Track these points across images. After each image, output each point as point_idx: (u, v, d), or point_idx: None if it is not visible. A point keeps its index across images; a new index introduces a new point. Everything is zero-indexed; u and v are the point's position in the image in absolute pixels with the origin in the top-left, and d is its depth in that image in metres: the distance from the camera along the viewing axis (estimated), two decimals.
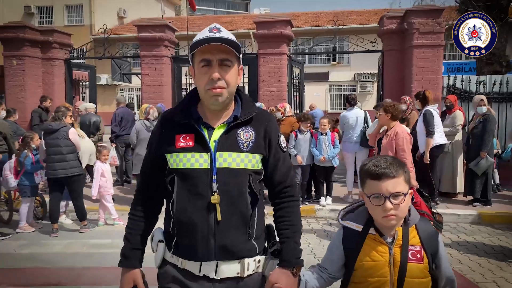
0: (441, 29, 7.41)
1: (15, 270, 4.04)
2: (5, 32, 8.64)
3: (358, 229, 1.53)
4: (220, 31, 1.45)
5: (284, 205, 1.59)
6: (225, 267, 1.45)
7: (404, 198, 1.45)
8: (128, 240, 1.57)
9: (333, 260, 1.60)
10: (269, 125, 1.56)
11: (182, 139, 1.48)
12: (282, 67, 8.26)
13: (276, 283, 1.48)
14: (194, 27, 23.39)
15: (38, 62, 8.94)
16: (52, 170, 5.11)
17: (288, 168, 1.62)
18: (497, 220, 5.65)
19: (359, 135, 6.50)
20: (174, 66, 8.96)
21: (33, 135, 5.51)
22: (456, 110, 6.53)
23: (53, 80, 9.05)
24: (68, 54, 9.44)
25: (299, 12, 28.04)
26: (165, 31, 8.70)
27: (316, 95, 23.46)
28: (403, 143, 4.46)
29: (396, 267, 1.46)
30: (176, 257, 1.50)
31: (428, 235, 1.52)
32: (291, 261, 1.52)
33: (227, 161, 1.46)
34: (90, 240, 4.97)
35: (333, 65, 24.44)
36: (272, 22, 8.14)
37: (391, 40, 7.97)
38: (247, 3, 61.83)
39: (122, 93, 25.59)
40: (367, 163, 1.52)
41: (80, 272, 3.92)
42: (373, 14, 24.38)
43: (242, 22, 25.79)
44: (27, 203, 5.36)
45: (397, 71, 7.92)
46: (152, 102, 8.11)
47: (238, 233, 1.47)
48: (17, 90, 8.62)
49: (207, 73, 1.44)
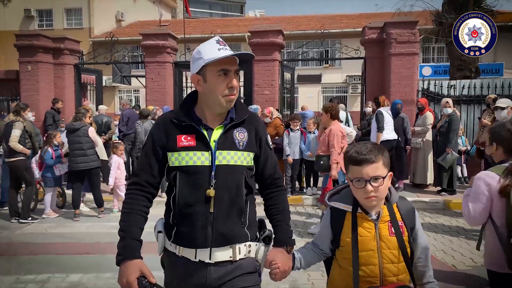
0: (416, 39, 8.29)
1: (52, 244, 4.84)
2: (20, 40, 9.42)
3: (345, 208, 1.67)
4: (225, 44, 1.63)
5: (274, 195, 1.78)
6: (218, 253, 1.59)
7: (383, 181, 1.59)
8: (126, 232, 1.61)
9: (323, 238, 1.77)
10: (259, 126, 1.74)
11: (184, 139, 1.61)
12: (275, 73, 9.09)
13: (273, 260, 1.65)
14: (190, 30, 24.17)
15: (51, 67, 9.71)
16: (75, 164, 5.92)
17: (275, 162, 1.80)
18: (459, 207, 6.53)
19: None
20: (175, 71, 9.76)
21: (56, 133, 6.31)
22: (427, 111, 7.40)
23: (64, 84, 9.82)
24: (77, 59, 10.22)
25: (293, 16, 28.85)
26: (167, 39, 9.51)
27: (309, 96, 24.16)
28: (333, 139, 5.05)
29: (382, 241, 1.61)
30: (175, 245, 1.63)
31: (407, 212, 1.68)
32: (285, 240, 1.71)
33: (226, 158, 1.61)
34: (108, 223, 5.78)
35: (325, 68, 25.15)
36: (265, 32, 8.98)
37: (372, 48, 8.84)
38: (242, 5, 62.52)
39: (121, 95, 26.21)
40: (350, 150, 1.66)
41: (104, 246, 4.74)
42: (364, 18, 25.16)
43: (237, 26, 26.37)
44: (50, 192, 6.17)
45: (377, 76, 8.79)
46: (155, 104, 8.91)
47: (234, 222, 1.61)
48: (31, 93, 9.38)
49: (224, 81, 1.59)
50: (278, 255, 1.67)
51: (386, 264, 1.60)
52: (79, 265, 4.08)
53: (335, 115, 5.25)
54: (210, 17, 51.63)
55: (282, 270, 1.65)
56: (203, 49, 1.61)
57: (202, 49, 1.62)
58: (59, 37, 9.84)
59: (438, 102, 8.45)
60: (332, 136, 5.09)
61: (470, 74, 9.02)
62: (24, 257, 4.39)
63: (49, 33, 10.07)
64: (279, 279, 1.67)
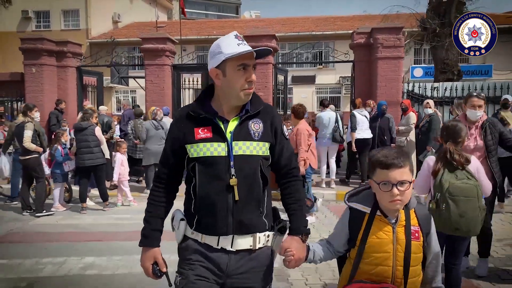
0: (401, 43, 8.80)
1: (64, 233, 5.30)
2: (25, 43, 9.83)
3: (364, 210, 1.72)
4: (243, 38, 1.68)
5: (290, 184, 1.80)
6: (240, 240, 1.65)
7: (409, 186, 1.63)
8: (149, 222, 1.76)
9: (339, 237, 1.81)
10: (274, 117, 1.77)
11: (201, 131, 1.67)
12: (268, 75, 9.58)
13: (288, 248, 1.69)
14: (186, 31, 24.60)
15: (54, 69, 10.14)
16: (82, 160, 6.37)
17: (291, 152, 1.84)
18: None
19: (331, 132, 7.86)
20: (173, 73, 10.22)
21: (63, 132, 6.77)
22: (410, 112, 7.92)
23: (67, 85, 10.25)
24: (79, 62, 10.64)
25: (287, 18, 29.31)
26: (166, 43, 9.95)
27: (303, 96, 24.61)
28: (300, 137, 5.44)
29: (398, 244, 1.64)
30: (197, 232, 1.69)
31: (424, 217, 1.73)
32: (300, 229, 1.75)
33: (242, 148, 1.65)
34: (113, 215, 6.25)
35: (319, 69, 25.61)
36: (259, 36, 9.46)
37: (360, 52, 9.36)
38: (237, 6, 62.91)
39: (118, 95, 26.56)
40: (377, 154, 1.70)
41: (114, 234, 5.20)
42: (357, 20, 25.65)
43: (233, 27, 26.71)
44: (59, 188, 6.62)
45: (365, 78, 9.30)
46: (155, 104, 9.35)
47: (252, 210, 1.66)
48: (36, 94, 9.80)
49: (243, 75, 1.64)
50: (293, 243, 1.71)
51: (399, 266, 1.65)
52: (92, 250, 4.54)
53: (299, 115, 5.69)
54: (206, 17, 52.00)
55: (296, 258, 1.70)
56: (222, 43, 1.65)
57: (221, 43, 1.65)
58: (62, 40, 10.27)
59: (422, 103, 9.00)
60: (299, 135, 5.47)
61: (452, 77, 9.55)
62: (40, 244, 4.85)
63: (46, 34, 10.47)
64: (292, 266, 1.71)
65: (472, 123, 3.64)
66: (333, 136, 7.81)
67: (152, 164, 7.30)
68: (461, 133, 2.89)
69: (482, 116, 3.68)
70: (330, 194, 7.40)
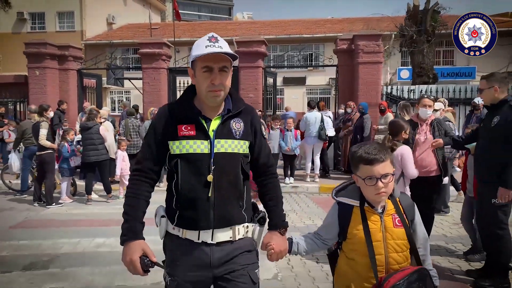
0: (380, 49, 9.57)
1: (74, 220, 5.94)
2: (29, 48, 10.45)
3: (353, 203, 1.79)
4: (218, 40, 1.67)
5: (268, 182, 1.89)
6: (219, 233, 1.71)
7: (392, 177, 1.72)
8: (129, 215, 1.74)
9: (328, 229, 1.88)
10: (254, 117, 1.84)
11: (184, 128, 1.71)
12: (258, 78, 10.29)
13: (268, 242, 1.78)
14: (180, 33, 25.18)
15: (56, 72, 10.76)
16: (87, 157, 7.02)
17: (269, 151, 1.92)
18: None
19: (317, 131, 8.58)
20: (169, 76, 10.89)
21: (70, 131, 7.40)
22: (388, 113, 8.67)
23: (68, 87, 10.88)
24: (80, 65, 11.27)
25: (279, 20, 30.01)
26: (162, 48, 10.63)
27: (294, 97, 25.28)
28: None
29: (387, 232, 1.73)
30: (178, 228, 1.73)
31: (408, 205, 1.81)
32: (278, 223, 1.83)
33: (224, 146, 1.71)
34: (117, 206, 6.89)
35: (309, 70, 26.29)
36: (250, 42, 10.17)
37: (343, 57, 10.11)
38: (230, 8, 63.56)
39: (112, 96, 27.01)
40: (358, 150, 1.77)
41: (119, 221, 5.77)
42: (347, 23, 26.45)
43: (226, 29, 27.28)
44: (66, 181, 7.25)
45: (348, 82, 10.05)
46: (152, 105, 10.02)
47: (233, 205, 1.73)
48: (39, 96, 10.42)
49: (208, 77, 1.67)
50: (272, 237, 1.80)
51: (391, 253, 1.72)
52: (101, 233, 5.20)
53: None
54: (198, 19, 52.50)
55: (277, 251, 1.78)
56: (195, 44, 1.72)
57: (195, 44, 1.73)
58: (64, 45, 10.89)
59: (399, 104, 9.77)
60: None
61: (428, 80, 10.34)
62: (54, 228, 5.50)
63: (41, 36, 11.11)
64: (275, 259, 1.80)
65: (423, 120, 4.37)
66: (319, 134, 8.55)
67: None
68: (400, 128, 3.64)
69: (432, 115, 4.42)
70: (314, 187, 8.13)
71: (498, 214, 3.26)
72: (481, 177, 3.40)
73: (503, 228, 3.28)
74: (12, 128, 9.44)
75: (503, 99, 3.27)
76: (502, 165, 3.16)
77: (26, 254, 4.49)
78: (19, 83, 10.85)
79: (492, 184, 3.22)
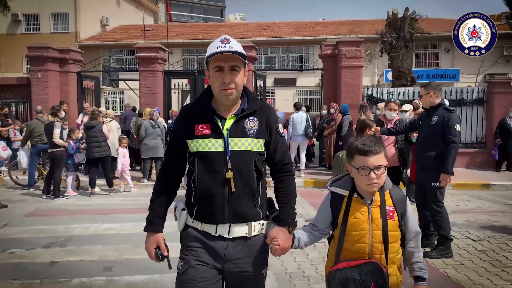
0: (361, 55, 10.34)
1: (81, 209, 6.59)
2: (32, 51, 11.05)
3: (343, 193, 1.87)
4: (230, 41, 1.75)
5: (283, 179, 1.93)
6: (236, 228, 1.79)
7: (384, 169, 1.79)
8: (153, 210, 1.90)
9: (323, 219, 1.95)
10: (270, 116, 1.87)
11: (200, 128, 1.79)
12: (249, 80, 10.97)
13: (275, 237, 1.79)
14: (173, 35, 25.77)
15: (57, 74, 11.36)
16: (91, 153, 7.67)
17: (286, 149, 1.94)
18: None
19: (303, 130, 9.33)
20: (165, 78, 11.54)
21: (75, 130, 8.04)
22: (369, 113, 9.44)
23: (68, 89, 11.49)
24: (79, 68, 11.88)
25: (270, 22, 30.72)
26: (158, 52, 11.28)
27: (285, 98, 25.90)
28: None
29: (373, 223, 1.80)
30: (197, 221, 1.82)
31: (399, 199, 1.87)
32: (287, 220, 1.85)
33: (238, 144, 1.78)
34: (118, 198, 7.57)
35: (300, 72, 27.04)
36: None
37: (328, 61, 10.87)
38: (222, 9, 64.09)
39: (107, 96, 27.44)
40: (356, 142, 1.87)
41: (122, 210, 6.52)
42: (337, 26, 27.24)
43: (218, 31, 27.76)
44: (71, 176, 7.89)
45: (332, 84, 10.81)
46: (148, 106, 10.64)
47: (247, 201, 1.79)
48: (41, 97, 11.01)
49: (220, 76, 1.75)
50: (280, 233, 1.81)
51: (375, 243, 1.79)
52: (108, 219, 5.87)
53: None
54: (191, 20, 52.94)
55: (282, 247, 1.80)
56: (209, 46, 1.79)
57: (209, 46, 1.79)
58: (65, 48, 11.50)
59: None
60: None
61: (406, 83, 11.14)
62: (65, 216, 6.16)
63: (36, 37, 11.69)
64: (278, 254, 1.83)
65: (389, 120, 5.15)
66: (306, 133, 9.31)
67: (149, 157, 8.63)
68: (365, 126, 4.38)
69: (396, 116, 5.19)
70: (299, 181, 8.85)
71: (437, 194, 4.03)
72: (422, 166, 4.17)
73: (440, 206, 4.06)
74: (17, 128, 10.03)
75: (439, 102, 4.06)
76: (439, 155, 3.93)
77: (44, 236, 5.15)
78: (21, 85, 11.43)
79: (431, 171, 3.99)
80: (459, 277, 3.80)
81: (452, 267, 4.03)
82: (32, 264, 4.19)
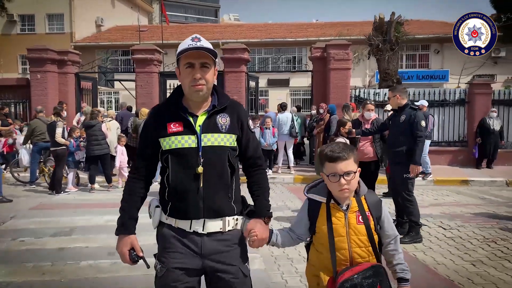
0: (349, 57, 10.82)
1: (83, 204, 6.99)
2: (31, 53, 11.39)
3: (321, 200, 1.89)
4: (200, 40, 1.81)
5: (255, 173, 1.98)
6: (210, 223, 1.81)
7: (354, 175, 1.81)
8: (125, 211, 1.92)
9: (300, 225, 1.97)
10: (240, 112, 1.93)
11: (173, 125, 1.83)
12: (241, 81, 11.43)
13: (252, 229, 1.85)
14: (168, 36, 26.12)
15: (56, 75, 11.73)
16: (91, 151, 8.07)
17: (257, 144, 2.00)
18: None
19: (288, 129, 9.81)
20: (160, 79, 11.95)
21: (75, 129, 8.43)
22: (355, 112, 9.90)
23: (67, 89, 11.86)
24: (78, 69, 12.25)
25: (264, 24, 31.23)
26: (154, 54, 11.68)
27: (278, 99, 26.39)
28: None
29: (350, 228, 1.82)
30: (171, 218, 1.85)
31: (374, 203, 1.89)
32: (263, 212, 1.92)
33: (210, 140, 1.82)
34: (117, 194, 7.95)
35: (293, 73, 27.46)
36: (234, 49, 11.31)
37: (317, 63, 11.34)
38: (216, 9, 64.44)
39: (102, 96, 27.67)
40: (325, 149, 1.87)
41: None
42: (328, 28, 27.75)
43: (212, 32, 28.20)
44: (71, 173, 8.28)
45: (321, 86, 11.28)
46: (145, 106, 11.02)
47: (221, 196, 1.83)
48: (41, 97, 11.36)
49: (190, 73, 1.80)
50: (256, 225, 1.86)
51: (354, 248, 1.81)
52: (108, 213, 6.26)
53: None
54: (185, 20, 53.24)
55: (259, 238, 1.84)
56: (180, 45, 1.84)
57: (179, 45, 1.84)
58: (63, 50, 11.88)
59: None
60: None
61: (392, 84, 11.62)
62: (68, 209, 6.56)
63: (31, 38, 12.03)
64: (256, 246, 1.86)
65: (367, 120, 5.62)
66: (290, 132, 9.80)
67: None
68: (341, 124, 4.83)
69: (374, 115, 5.66)
70: (289, 177, 9.34)
71: (407, 184, 4.51)
72: (393, 160, 4.65)
73: (411, 195, 4.54)
74: (17, 127, 10.39)
75: (406, 103, 4.54)
76: (408, 150, 4.41)
77: (50, 227, 5.56)
78: (20, 86, 11.78)
79: (401, 164, 4.47)
80: (426, 259, 4.28)
81: (421, 251, 4.51)
82: (42, 250, 4.60)
